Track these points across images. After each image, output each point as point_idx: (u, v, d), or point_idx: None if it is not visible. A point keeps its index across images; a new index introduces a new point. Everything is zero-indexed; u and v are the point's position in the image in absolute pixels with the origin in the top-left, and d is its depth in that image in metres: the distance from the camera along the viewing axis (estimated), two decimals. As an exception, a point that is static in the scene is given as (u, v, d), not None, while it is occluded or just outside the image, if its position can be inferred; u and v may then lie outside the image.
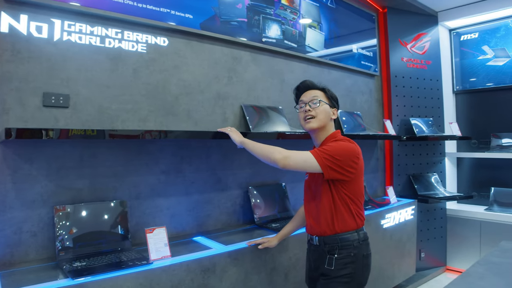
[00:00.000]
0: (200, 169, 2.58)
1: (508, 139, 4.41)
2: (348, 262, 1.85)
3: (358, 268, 1.87)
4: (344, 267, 1.85)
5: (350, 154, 1.85)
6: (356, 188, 1.91)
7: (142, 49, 2.34)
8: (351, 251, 1.86)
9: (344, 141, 1.91)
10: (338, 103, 2.08)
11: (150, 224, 2.31)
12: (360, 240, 1.89)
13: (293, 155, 1.83)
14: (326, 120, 1.97)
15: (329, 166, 1.80)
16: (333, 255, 1.87)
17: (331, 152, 1.82)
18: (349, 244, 1.86)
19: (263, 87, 2.99)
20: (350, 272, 1.85)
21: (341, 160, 1.81)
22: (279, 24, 3.08)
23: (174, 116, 2.45)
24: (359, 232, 1.90)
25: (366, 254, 1.91)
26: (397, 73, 4.27)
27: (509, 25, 4.53)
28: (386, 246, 3.41)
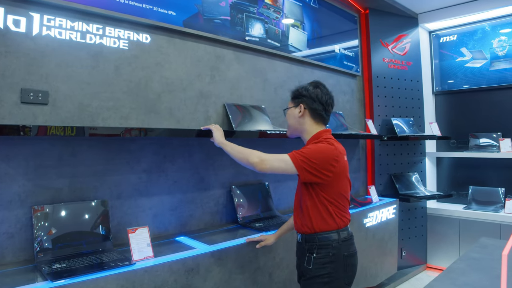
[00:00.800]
0: (183, 168, 2.54)
1: (485, 139, 4.51)
2: (327, 262, 1.83)
3: (338, 268, 1.84)
4: (322, 266, 1.83)
5: (328, 157, 1.83)
6: (335, 190, 1.87)
7: (124, 45, 2.30)
8: (330, 251, 1.84)
9: (323, 143, 1.88)
10: (309, 96, 1.97)
11: (132, 224, 2.26)
12: (340, 240, 1.86)
13: (270, 159, 1.84)
14: (293, 123, 2.02)
15: (305, 169, 1.80)
16: (311, 254, 1.86)
17: (308, 154, 1.81)
18: (327, 244, 1.85)
19: (246, 86, 2.97)
20: (328, 272, 1.83)
21: (317, 163, 1.80)
22: (262, 23, 3.06)
23: (156, 114, 2.41)
24: (339, 232, 1.87)
25: (348, 253, 1.88)
26: (378, 73, 4.31)
27: (485, 28, 4.63)
28: (368, 245, 3.43)
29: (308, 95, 1.97)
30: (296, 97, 2.01)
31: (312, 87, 1.99)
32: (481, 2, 4.33)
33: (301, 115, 1.98)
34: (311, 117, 1.98)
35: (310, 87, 1.99)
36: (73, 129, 1.80)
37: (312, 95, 1.96)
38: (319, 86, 2.01)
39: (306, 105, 1.97)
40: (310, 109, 1.97)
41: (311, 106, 1.96)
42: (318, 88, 1.99)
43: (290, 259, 2.54)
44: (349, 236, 1.92)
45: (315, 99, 1.96)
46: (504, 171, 4.41)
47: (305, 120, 1.98)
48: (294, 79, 3.39)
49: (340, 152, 1.90)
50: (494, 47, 4.56)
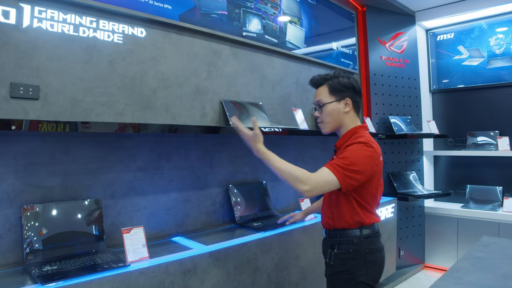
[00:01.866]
0: (179, 166, 2.47)
1: (483, 137, 4.48)
2: (347, 258, 1.77)
3: (359, 264, 1.76)
4: (342, 262, 1.77)
5: (370, 164, 1.70)
6: (367, 192, 1.77)
7: (118, 39, 2.22)
8: (350, 247, 1.76)
9: (366, 147, 1.71)
10: (353, 88, 1.83)
11: (126, 224, 2.19)
12: (362, 237, 1.77)
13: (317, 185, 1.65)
14: (336, 120, 1.84)
15: (350, 183, 1.67)
16: (333, 249, 1.81)
17: (352, 165, 1.66)
18: (348, 240, 1.77)
19: (243, 82, 2.91)
20: (348, 268, 1.76)
21: (360, 171, 1.67)
22: (259, 18, 3.00)
23: (152, 110, 2.34)
24: (362, 229, 1.78)
25: (369, 250, 1.78)
26: (376, 71, 4.27)
27: (482, 26, 4.61)
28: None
29: (352, 87, 1.82)
30: (340, 90, 1.82)
31: (346, 77, 1.85)
32: (478, 0, 4.30)
33: (348, 109, 1.82)
34: (354, 111, 1.85)
35: (348, 78, 1.84)
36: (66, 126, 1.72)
37: (356, 87, 1.84)
38: (346, 73, 1.88)
39: (352, 99, 1.82)
40: (354, 103, 1.84)
41: (355, 100, 1.84)
42: (353, 78, 1.86)
43: (289, 259, 2.49)
44: (372, 233, 1.81)
45: (358, 91, 1.84)
46: (501, 169, 4.38)
47: (349, 114, 1.83)
48: (292, 76, 3.33)
49: (378, 154, 1.77)
50: (491, 45, 4.53)
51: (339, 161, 1.68)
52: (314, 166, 3.45)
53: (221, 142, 2.71)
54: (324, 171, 1.67)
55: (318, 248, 2.76)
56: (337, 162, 1.67)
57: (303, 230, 2.64)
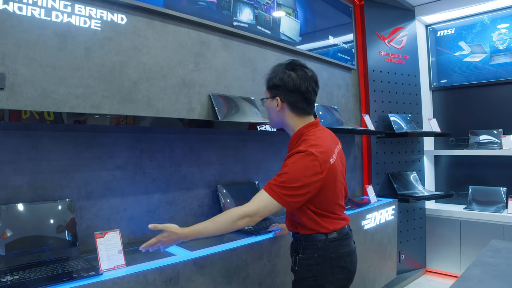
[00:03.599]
0: (163, 165, 2.27)
1: (486, 135, 4.31)
2: (312, 264, 1.64)
3: (324, 270, 1.62)
4: (308, 268, 1.65)
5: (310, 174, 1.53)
6: (323, 200, 1.62)
7: (96, 26, 2.03)
8: (315, 252, 1.63)
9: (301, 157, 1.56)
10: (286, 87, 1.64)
11: (104, 228, 2.00)
12: (328, 241, 1.64)
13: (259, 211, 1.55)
14: (274, 117, 1.74)
15: (293, 201, 1.54)
16: (297, 254, 1.68)
17: (288, 181, 1.52)
18: (313, 245, 1.64)
19: (234, 76, 2.72)
20: (314, 274, 1.63)
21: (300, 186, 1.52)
22: (251, 8, 2.81)
23: (132, 104, 2.14)
24: (327, 234, 1.64)
25: (336, 255, 1.64)
26: (374, 67, 4.09)
27: (484, 21, 4.45)
28: (367, 249, 3.19)
29: (283, 86, 1.64)
30: (272, 87, 1.69)
31: (287, 72, 1.65)
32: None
33: (279, 109, 1.68)
34: (291, 111, 1.69)
35: (285, 74, 1.64)
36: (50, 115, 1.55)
37: (288, 85, 1.63)
38: (296, 68, 1.66)
39: (283, 97, 1.66)
40: (288, 102, 1.67)
41: (289, 99, 1.66)
42: (294, 72, 1.64)
43: (282, 266, 2.29)
44: (340, 236, 1.67)
45: (291, 89, 1.63)
46: (505, 169, 4.21)
47: (285, 114, 1.69)
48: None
49: (326, 157, 1.59)
50: (494, 40, 4.37)
51: (276, 179, 1.55)
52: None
53: (209, 139, 2.52)
54: (262, 195, 1.56)
55: (314, 253, 2.59)
56: (274, 182, 1.55)
57: (298, 234, 2.45)
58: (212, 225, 1.60)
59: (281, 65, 1.70)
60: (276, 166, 2.99)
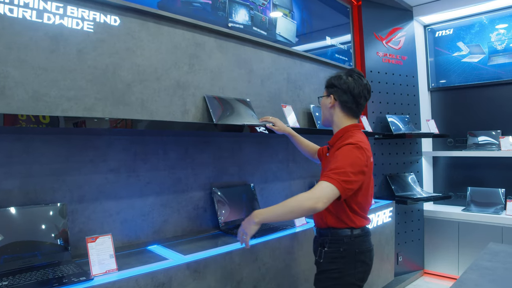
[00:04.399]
0: (157, 168, 2.25)
1: (484, 137, 4.29)
2: (337, 257, 1.78)
3: (348, 264, 1.77)
4: (332, 261, 1.79)
5: (360, 166, 1.69)
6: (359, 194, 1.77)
7: (88, 27, 2.01)
8: (341, 246, 1.78)
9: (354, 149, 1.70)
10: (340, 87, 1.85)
11: (97, 232, 1.97)
12: (353, 236, 1.79)
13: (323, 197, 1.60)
14: (325, 113, 1.95)
15: (348, 188, 1.65)
16: (323, 248, 1.82)
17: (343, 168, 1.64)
18: (339, 239, 1.79)
19: (229, 77, 2.70)
20: (338, 267, 1.77)
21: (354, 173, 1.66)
22: (247, 8, 2.80)
23: (126, 106, 2.12)
24: (352, 229, 1.79)
25: (359, 250, 1.79)
26: (372, 68, 4.07)
27: (483, 21, 4.42)
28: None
29: (339, 86, 1.85)
30: (328, 86, 1.93)
31: (345, 75, 1.87)
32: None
33: (331, 105, 1.90)
34: (341, 110, 1.88)
35: (343, 76, 1.87)
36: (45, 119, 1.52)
37: (343, 86, 1.84)
38: (353, 74, 1.87)
39: (337, 96, 1.87)
40: (340, 101, 1.87)
41: (341, 98, 1.86)
42: (351, 77, 1.86)
43: (277, 269, 2.27)
44: (363, 233, 1.83)
45: (346, 90, 1.84)
46: (504, 170, 4.18)
47: (335, 112, 1.90)
48: (282, 71, 3.13)
49: (368, 155, 1.77)
50: (492, 41, 4.34)
51: (332, 169, 1.66)
52: (307, 167, 3.25)
53: (204, 141, 2.49)
54: (321, 184, 1.63)
55: (310, 256, 2.56)
56: (330, 173, 1.64)
57: (294, 237, 2.43)
58: (281, 207, 1.66)
59: (342, 71, 1.91)
60: (273, 168, 2.97)
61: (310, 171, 3.33)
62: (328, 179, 1.62)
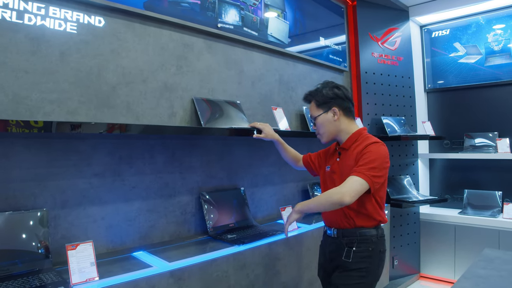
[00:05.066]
0: (143, 172, 2.20)
1: (481, 139, 4.24)
2: (365, 256, 1.85)
3: (374, 263, 1.87)
4: (361, 260, 1.84)
5: (386, 159, 1.82)
6: (382, 190, 1.89)
7: (72, 28, 1.96)
8: (369, 246, 1.85)
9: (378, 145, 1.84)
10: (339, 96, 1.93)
11: (80, 238, 1.92)
12: (379, 236, 1.89)
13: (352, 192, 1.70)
14: (329, 129, 1.95)
15: (377, 182, 1.76)
16: (351, 248, 1.86)
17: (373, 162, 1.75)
18: (367, 239, 1.86)
19: (219, 79, 2.64)
20: (366, 266, 1.84)
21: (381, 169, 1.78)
22: (237, 9, 2.74)
23: (111, 109, 2.07)
24: (377, 228, 1.90)
25: (382, 250, 1.92)
26: (367, 69, 4.02)
27: (479, 21, 4.37)
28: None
29: (337, 96, 1.93)
30: (324, 102, 1.94)
31: (331, 87, 1.96)
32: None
33: (336, 118, 1.93)
34: (346, 116, 1.96)
35: (329, 87, 1.96)
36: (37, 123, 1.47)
37: (340, 95, 1.94)
38: (335, 84, 1.99)
39: (339, 106, 1.93)
40: (343, 109, 1.94)
41: (343, 106, 1.94)
42: (337, 87, 1.96)
43: (267, 276, 2.22)
44: (383, 232, 1.95)
45: (343, 97, 1.94)
46: (501, 173, 4.13)
47: (341, 122, 1.94)
48: (274, 73, 3.08)
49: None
50: (489, 41, 4.29)
51: (361, 165, 1.75)
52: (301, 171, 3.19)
53: (192, 144, 2.44)
54: (353, 179, 1.72)
55: (301, 262, 2.51)
56: (361, 169, 1.74)
57: (285, 243, 2.38)
58: (315, 200, 1.85)
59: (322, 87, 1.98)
60: (264, 171, 2.92)
61: (302, 175, 3.27)
62: (357, 173, 1.72)
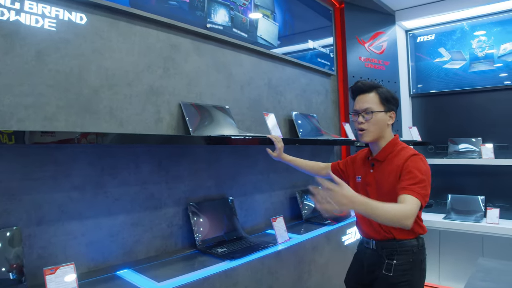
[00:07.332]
0: (127, 183, 2.03)
1: (465, 144, 4.25)
2: (407, 269, 1.79)
3: (415, 274, 1.82)
4: (403, 273, 1.79)
5: (429, 174, 1.75)
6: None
7: (50, 25, 1.78)
8: (410, 257, 1.79)
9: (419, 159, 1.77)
10: (398, 102, 1.92)
11: (58, 257, 1.75)
12: (420, 246, 1.84)
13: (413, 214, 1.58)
14: (380, 130, 1.86)
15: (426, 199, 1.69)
16: (391, 260, 1.80)
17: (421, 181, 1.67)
18: (407, 250, 1.80)
19: (207, 82, 2.50)
20: (408, 279, 1.79)
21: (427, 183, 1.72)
22: (227, 9, 2.60)
23: (93, 115, 1.90)
24: (418, 239, 1.84)
25: (423, 259, 1.86)
26: (354, 73, 3.94)
27: (464, 27, 4.38)
28: (347, 266, 3.02)
29: (395, 103, 1.90)
30: (389, 101, 1.87)
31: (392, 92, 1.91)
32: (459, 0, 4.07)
33: (392, 122, 1.89)
34: (392, 126, 1.93)
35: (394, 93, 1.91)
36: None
37: (397, 103, 1.91)
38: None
39: (395, 113, 1.91)
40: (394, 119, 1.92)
41: (395, 116, 1.92)
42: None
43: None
44: (423, 241, 1.89)
45: (397, 106, 1.93)
46: (484, 178, 4.15)
47: (388, 128, 1.90)
48: (263, 76, 2.95)
49: None
50: (473, 47, 4.31)
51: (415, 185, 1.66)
52: (288, 177, 3.09)
53: (179, 153, 2.29)
54: (410, 200, 1.62)
55: (294, 275, 2.40)
56: (411, 187, 1.66)
57: (276, 256, 2.26)
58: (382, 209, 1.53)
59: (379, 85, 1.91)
60: (252, 179, 2.79)
61: (291, 181, 3.17)
62: (412, 193, 1.63)
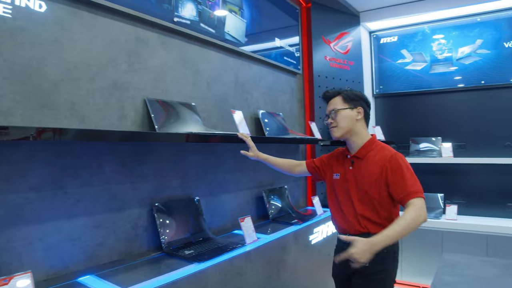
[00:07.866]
0: (89, 183, 1.91)
1: (426, 143, 4.38)
2: (382, 259, 1.87)
3: (390, 264, 1.94)
4: (380, 263, 1.88)
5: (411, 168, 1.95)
6: None
7: (5, 12, 1.63)
8: (385, 248, 1.78)
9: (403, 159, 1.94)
10: (364, 100, 2.05)
11: (12, 264, 1.61)
12: None
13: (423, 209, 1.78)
14: (349, 125, 1.99)
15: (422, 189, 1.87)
16: None
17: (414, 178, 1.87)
18: None
19: (173, 78, 2.41)
20: (384, 268, 1.91)
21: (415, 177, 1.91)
22: (195, 3, 2.52)
23: (52, 110, 1.77)
24: None
25: (396, 250, 1.99)
26: (320, 72, 3.96)
27: (425, 30, 4.51)
28: (315, 264, 3.03)
29: (364, 100, 2.05)
30: (353, 99, 2.02)
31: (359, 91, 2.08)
32: (421, 3, 4.17)
33: (360, 117, 2.01)
34: (364, 121, 2.05)
35: (359, 92, 2.07)
36: None
37: (366, 99, 2.06)
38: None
39: (363, 109, 2.02)
40: (365, 114, 2.04)
41: (366, 111, 2.05)
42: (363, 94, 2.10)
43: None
44: None
45: (368, 104, 2.07)
46: (443, 176, 4.30)
47: (360, 124, 2.01)
48: (230, 73, 2.89)
49: None
50: (434, 50, 4.44)
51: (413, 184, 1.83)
52: (254, 177, 3.05)
53: (144, 150, 2.19)
54: (415, 202, 1.78)
55: (263, 276, 2.36)
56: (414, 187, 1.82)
57: (246, 257, 2.21)
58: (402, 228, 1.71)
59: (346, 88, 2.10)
60: (219, 178, 2.73)
61: (256, 181, 3.13)
62: (414, 195, 1.79)
